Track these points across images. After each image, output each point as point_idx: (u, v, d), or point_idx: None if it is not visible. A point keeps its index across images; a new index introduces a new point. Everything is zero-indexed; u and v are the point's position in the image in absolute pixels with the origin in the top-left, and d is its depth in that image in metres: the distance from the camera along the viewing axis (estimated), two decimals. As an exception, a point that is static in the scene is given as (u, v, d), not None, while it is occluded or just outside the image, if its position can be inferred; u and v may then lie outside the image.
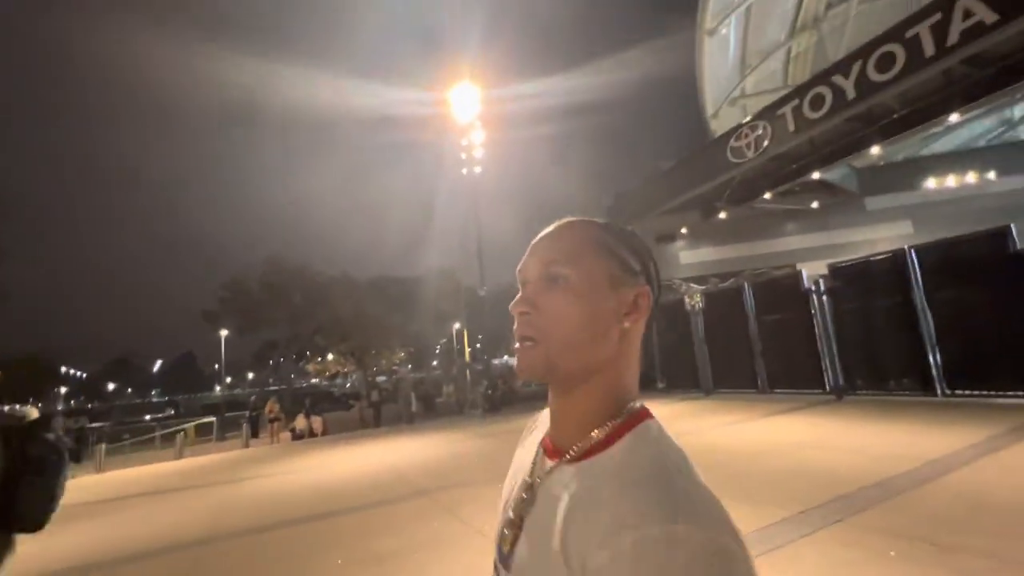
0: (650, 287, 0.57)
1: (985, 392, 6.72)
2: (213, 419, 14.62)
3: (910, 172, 16.48)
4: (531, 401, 15.48)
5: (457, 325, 25.32)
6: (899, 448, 4.90)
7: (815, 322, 8.93)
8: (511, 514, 0.57)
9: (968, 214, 14.09)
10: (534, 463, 0.59)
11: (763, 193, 13.63)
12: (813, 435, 6.04)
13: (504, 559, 0.56)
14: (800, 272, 9.40)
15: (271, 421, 12.48)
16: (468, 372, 15.83)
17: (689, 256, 18.16)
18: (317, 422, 12.05)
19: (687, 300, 11.99)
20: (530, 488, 0.56)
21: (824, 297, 8.83)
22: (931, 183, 16.01)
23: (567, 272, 0.54)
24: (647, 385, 12.87)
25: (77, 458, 11.65)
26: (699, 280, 17.79)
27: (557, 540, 0.47)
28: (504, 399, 13.24)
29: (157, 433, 15.55)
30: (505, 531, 0.57)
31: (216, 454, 11.17)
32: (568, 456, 0.54)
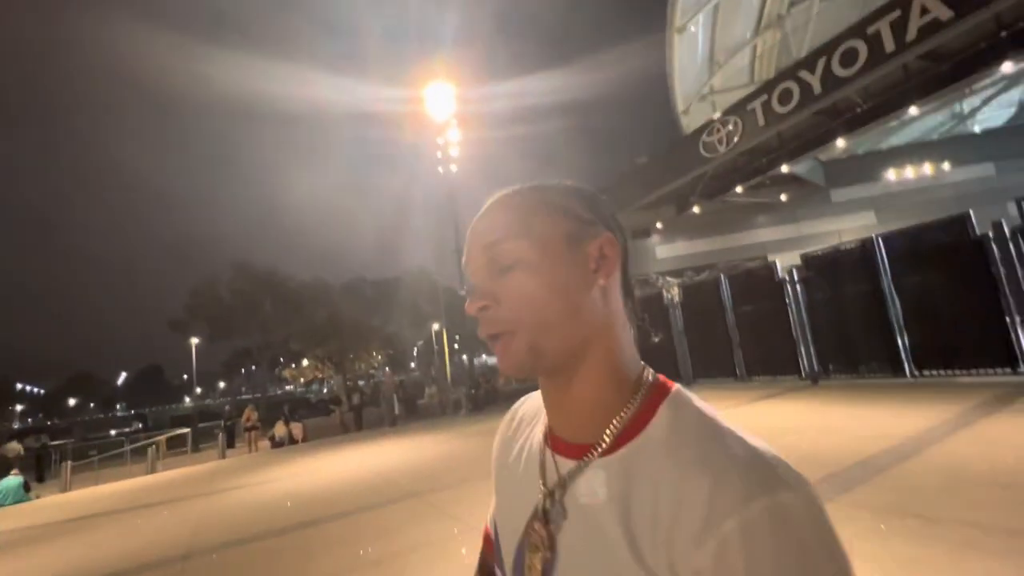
0: (613, 233, 0.50)
1: (951, 371, 7.03)
2: (187, 430, 14.12)
3: (871, 164, 17.16)
4: (514, 399, 15.39)
5: (436, 326, 25.18)
6: (876, 428, 5.07)
7: (790, 310, 9.19)
8: (533, 535, 0.47)
9: (927, 203, 14.77)
10: (543, 468, 0.50)
11: (734, 187, 13.96)
12: (793, 420, 6.21)
13: None
14: (774, 263, 9.66)
15: (248, 430, 12.12)
16: (449, 372, 15.71)
17: (664, 250, 18.47)
18: (297, 428, 11.77)
19: (665, 293, 12.18)
20: (551, 498, 0.47)
21: (798, 286, 9.10)
22: (891, 175, 16.70)
23: (515, 247, 0.46)
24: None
25: (40, 478, 11.08)
26: (675, 273, 18.11)
27: (625, 552, 0.40)
28: (487, 398, 13.21)
29: (126, 448, 14.94)
30: (529, 555, 0.47)
31: (191, 466, 10.79)
32: (595, 451, 0.46)
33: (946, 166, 16.41)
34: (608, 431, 0.46)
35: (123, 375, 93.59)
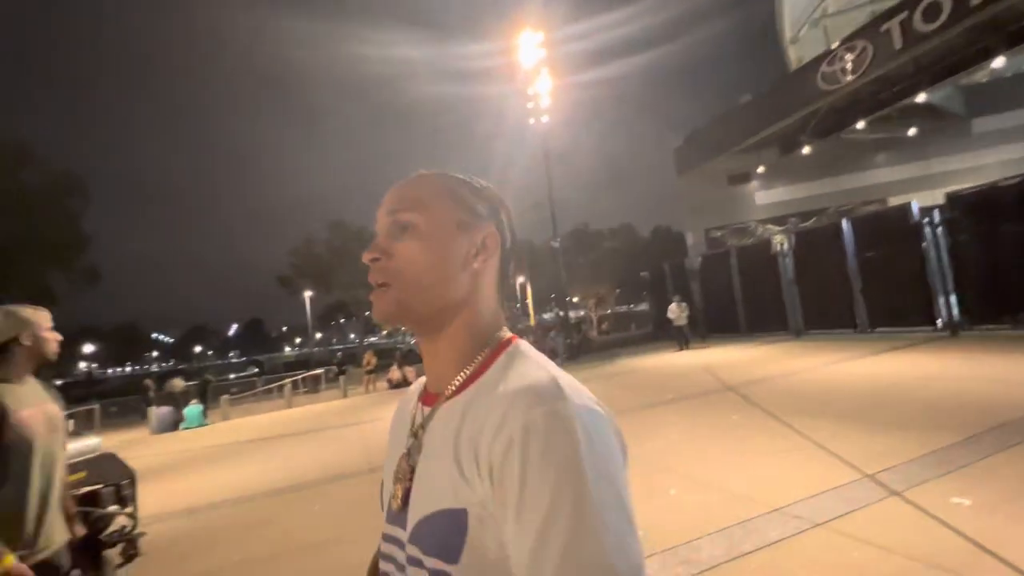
0: (499, 230, 0.59)
1: None
2: (320, 371, 15.90)
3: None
4: (607, 349, 15.73)
5: (521, 279, 25.73)
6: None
7: (926, 256, 8.44)
8: (399, 470, 0.57)
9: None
10: (414, 418, 0.60)
11: (855, 122, 12.64)
12: (938, 369, 5.87)
13: (395, 517, 0.56)
14: (909, 204, 8.81)
15: (368, 373, 13.46)
16: (535, 323, 16.17)
17: (764, 196, 17.31)
18: (411, 372, 12.87)
19: (774, 241, 11.57)
20: (415, 438, 0.57)
21: (939, 229, 8.29)
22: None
23: (413, 218, 0.55)
24: (728, 328, 12.71)
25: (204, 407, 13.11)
26: (777, 221, 17.03)
27: (449, 459, 0.49)
28: (582, 347, 13.56)
29: (259, 388, 17.09)
30: (394, 487, 0.57)
31: (324, 403, 12.21)
32: (445, 394, 0.55)
33: None
34: (456, 380, 0.55)
35: (234, 326, 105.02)
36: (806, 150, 14.59)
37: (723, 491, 3.10)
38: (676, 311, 11.71)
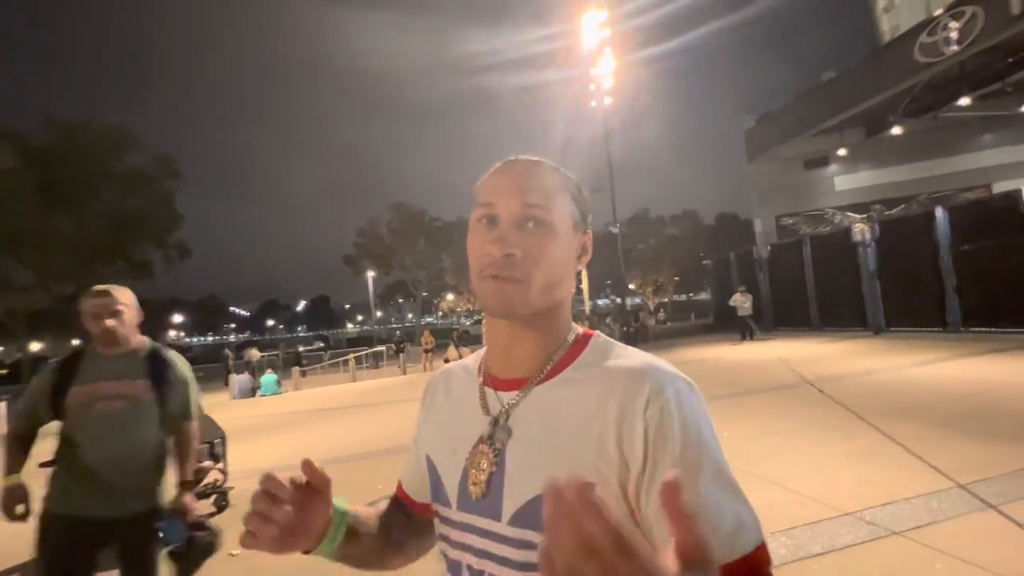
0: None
1: None
2: (381, 348, 16.66)
3: None
4: (665, 338, 15.36)
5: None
6: None
7: (1038, 250, 7.55)
8: (479, 455, 0.56)
9: None
10: (484, 402, 0.59)
11: (959, 98, 11.37)
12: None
13: (474, 504, 0.55)
14: (1020, 191, 7.89)
15: (426, 352, 13.97)
16: (589, 309, 15.97)
17: (845, 182, 16.03)
18: (466, 352, 13.26)
19: (854, 230, 10.74)
20: (496, 423, 0.56)
21: (1056, 219, 7.38)
22: None
23: (548, 217, 0.55)
24: (797, 321, 12.02)
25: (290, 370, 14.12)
26: (858, 208, 15.77)
27: (569, 435, 0.52)
28: (638, 335, 13.30)
29: (326, 362, 18.13)
30: (474, 473, 0.55)
31: (384, 378, 12.79)
32: (534, 381, 0.56)
33: None
34: (547, 366, 0.56)
35: (302, 302, 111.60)
36: (896, 131, 13.35)
37: (790, 491, 2.99)
38: (740, 300, 11.29)
